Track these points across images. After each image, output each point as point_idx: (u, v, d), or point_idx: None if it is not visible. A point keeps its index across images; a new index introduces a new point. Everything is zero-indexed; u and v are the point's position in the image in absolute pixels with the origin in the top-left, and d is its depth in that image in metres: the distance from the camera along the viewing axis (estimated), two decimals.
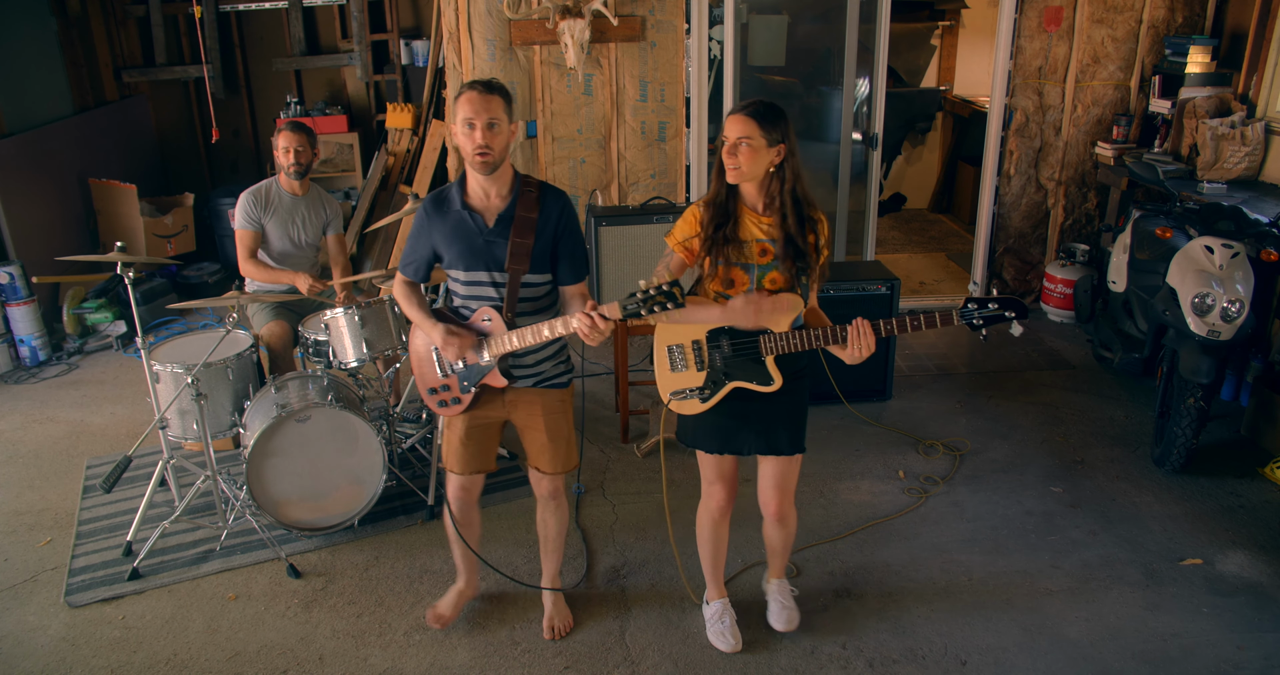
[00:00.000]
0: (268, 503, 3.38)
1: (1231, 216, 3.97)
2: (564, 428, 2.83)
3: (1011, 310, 2.47)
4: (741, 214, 2.59)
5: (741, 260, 2.58)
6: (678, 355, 2.70)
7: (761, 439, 2.72)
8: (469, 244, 2.61)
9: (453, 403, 2.76)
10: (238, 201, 4.03)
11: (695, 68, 5.30)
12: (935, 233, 7.43)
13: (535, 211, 2.60)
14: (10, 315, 5.12)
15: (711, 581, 3.04)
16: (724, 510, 2.87)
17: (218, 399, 3.54)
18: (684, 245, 2.62)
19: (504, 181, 2.62)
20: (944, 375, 4.92)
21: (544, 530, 3.03)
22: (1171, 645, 2.93)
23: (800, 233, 2.56)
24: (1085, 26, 5.23)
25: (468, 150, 2.52)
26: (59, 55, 6.07)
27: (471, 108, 2.50)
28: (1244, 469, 3.92)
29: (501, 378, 2.68)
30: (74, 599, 3.21)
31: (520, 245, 2.59)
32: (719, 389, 2.66)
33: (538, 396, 2.77)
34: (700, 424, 2.74)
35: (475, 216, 2.61)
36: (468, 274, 2.65)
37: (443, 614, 3.05)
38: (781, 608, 3.01)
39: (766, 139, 2.49)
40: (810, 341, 2.55)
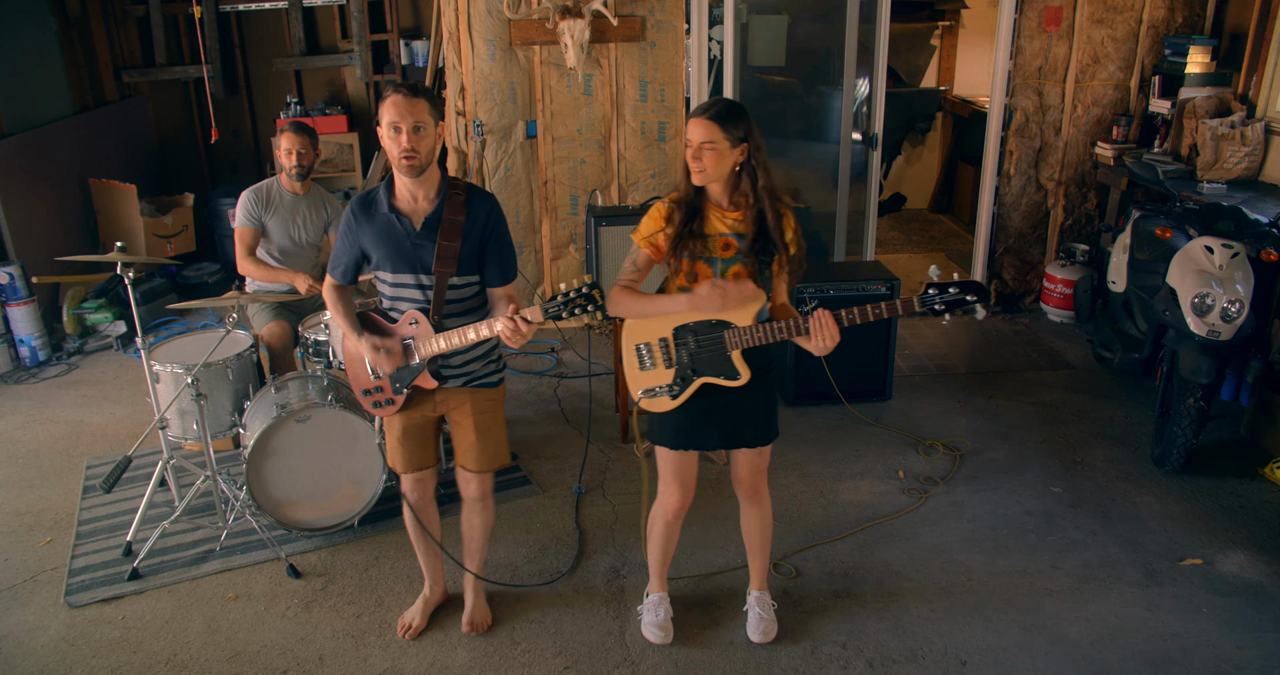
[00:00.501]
0: (268, 503, 3.38)
1: (1231, 216, 3.97)
2: (493, 426, 2.84)
3: (973, 294, 2.48)
4: (707, 210, 2.62)
5: (705, 254, 2.61)
6: (645, 353, 2.72)
7: (727, 434, 2.74)
8: (396, 247, 2.62)
9: (386, 404, 2.78)
10: (239, 199, 4.03)
11: (695, 68, 5.30)
12: (935, 233, 7.44)
13: (462, 214, 2.62)
14: (10, 315, 5.12)
15: (655, 575, 3.05)
16: (678, 513, 2.88)
17: (218, 399, 3.54)
18: (650, 241, 2.64)
19: (431, 184, 2.63)
20: (944, 375, 4.92)
21: (468, 532, 3.01)
22: (1171, 645, 2.93)
23: (777, 226, 2.60)
24: (1085, 26, 5.23)
25: (394, 154, 2.53)
26: (59, 55, 6.07)
27: (397, 111, 2.50)
28: (1244, 469, 3.92)
29: (431, 379, 2.70)
30: (74, 599, 3.21)
31: (447, 248, 2.60)
32: (688, 385, 2.67)
33: (468, 395, 2.79)
34: (666, 421, 2.75)
35: (402, 219, 2.62)
36: (395, 276, 2.66)
37: (410, 622, 3.04)
38: (760, 619, 3.00)
39: (729, 140, 2.52)
40: (775, 334, 2.57)
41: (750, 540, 3.01)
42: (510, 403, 4.69)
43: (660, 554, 2.99)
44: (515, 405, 4.66)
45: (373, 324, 2.73)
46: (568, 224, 5.46)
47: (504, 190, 5.33)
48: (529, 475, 3.98)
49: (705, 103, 2.57)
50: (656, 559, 3.01)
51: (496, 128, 5.22)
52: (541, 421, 4.48)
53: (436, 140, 2.57)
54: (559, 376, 4.97)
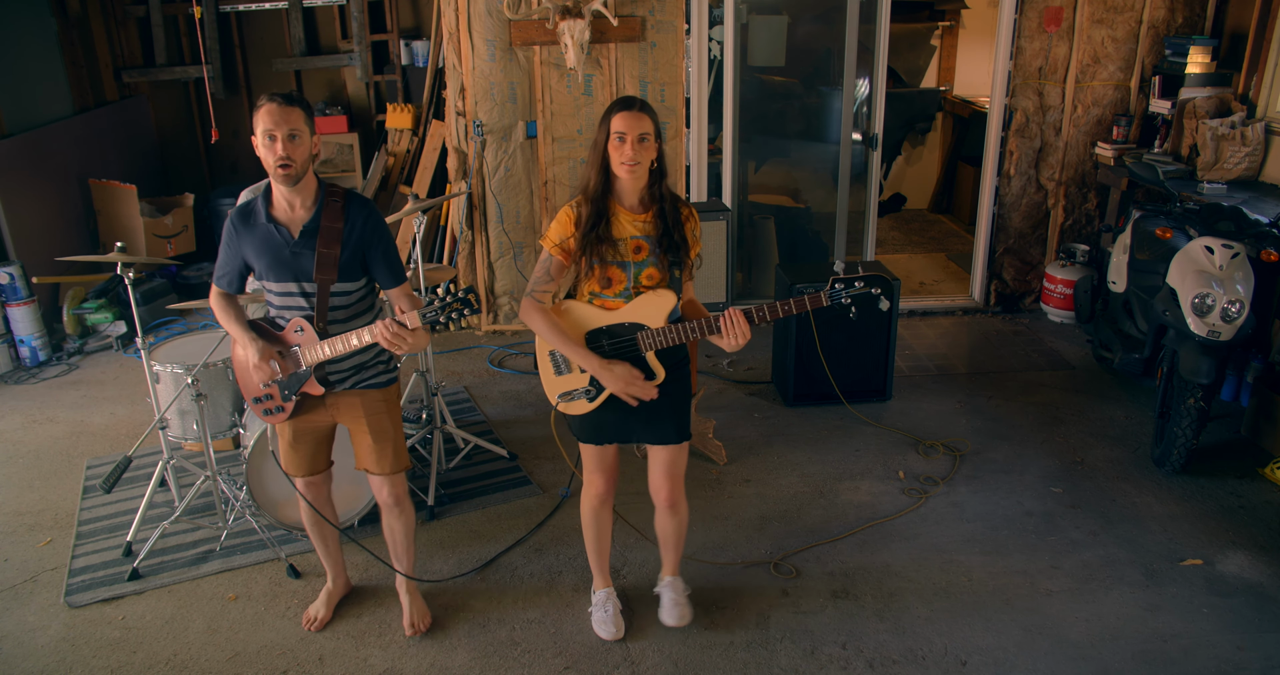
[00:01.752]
0: (268, 503, 3.38)
1: (1231, 217, 3.97)
2: (388, 427, 2.84)
3: (877, 287, 2.49)
4: (615, 212, 2.61)
5: (617, 258, 2.60)
6: (560, 358, 2.73)
7: (648, 429, 2.75)
8: (276, 256, 2.64)
9: (277, 411, 2.80)
10: (238, 198, 4.03)
11: (695, 68, 5.30)
12: (935, 233, 7.44)
13: (340, 221, 2.62)
14: (10, 315, 5.12)
15: (597, 570, 3.07)
16: (604, 499, 2.91)
17: (218, 399, 3.54)
18: (560, 247, 2.63)
19: (308, 192, 2.63)
20: (944, 375, 4.92)
21: (391, 537, 3.01)
22: (1171, 645, 2.93)
23: (678, 226, 2.62)
24: (1085, 27, 5.23)
25: (269, 162, 2.53)
26: (59, 55, 6.07)
27: (271, 119, 2.50)
28: (1244, 469, 3.92)
29: (318, 386, 2.72)
30: (74, 599, 3.21)
31: (326, 256, 2.61)
32: (603, 389, 2.67)
33: (358, 398, 2.80)
34: (586, 419, 2.76)
35: (280, 229, 2.63)
36: (278, 285, 2.68)
37: (315, 615, 3.07)
38: (674, 604, 3.01)
39: (656, 134, 2.54)
40: (687, 335, 2.58)
41: (665, 539, 3.01)
42: (510, 402, 4.69)
43: (596, 545, 3.01)
44: (515, 405, 4.67)
45: (263, 332, 2.76)
46: None
47: (504, 190, 5.33)
48: (529, 475, 3.98)
49: (621, 99, 2.57)
50: (593, 551, 3.03)
51: (496, 128, 5.22)
52: (542, 421, 4.48)
53: (311, 148, 2.58)
54: None
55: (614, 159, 2.55)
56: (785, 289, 4.38)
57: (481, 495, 3.83)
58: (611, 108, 2.56)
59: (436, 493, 3.74)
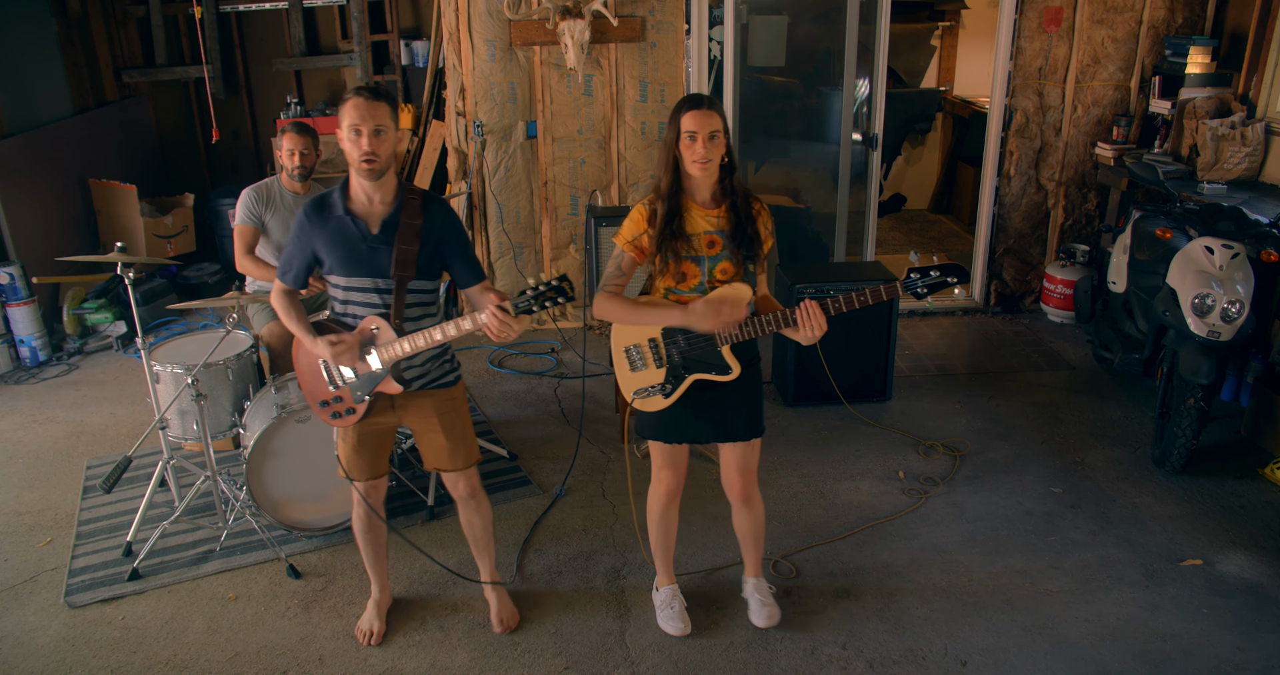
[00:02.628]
0: (267, 503, 3.38)
1: (1231, 217, 3.97)
2: (459, 424, 2.83)
3: (953, 276, 2.51)
4: (687, 208, 2.63)
5: (691, 253, 2.61)
6: (635, 355, 2.73)
7: (719, 427, 2.76)
8: (351, 250, 2.60)
9: (346, 413, 2.75)
10: (239, 197, 4.03)
11: (695, 68, 5.30)
12: (935, 233, 7.44)
13: (419, 218, 2.61)
14: (10, 315, 5.12)
15: (661, 568, 3.07)
16: (673, 495, 2.91)
17: (218, 399, 3.54)
18: (634, 244, 2.64)
19: (389, 188, 2.62)
20: (944, 375, 4.92)
21: (470, 531, 3.02)
22: (1171, 646, 2.93)
23: (750, 220, 2.63)
24: (1085, 27, 5.24)
25: (354, 156, 2.52)
26: (59, 55, 6.08)
27: (358, 114, 2.50)
28: (1244, 469, 3.92)
29: (396, 384, 2.68)
30: (74, 599, 3.21)
31: (406, 252, 2.59)
32: (680, 383, 2.68)
33: (428, 398, 2.77)
34: (657, 417, 2.76)
35: (358, 222, 2.61)
36: (350, 280, 2.64)
37: (369, 629, 3.02)
38: (761, 605, 3.02)
39: (725, 130, 2.55)
40: (763, 328, 2.59)
41: (744, 537, 3.02)
42: (510, 402, 4.69)
43: (662, 543, 3.00)
44: (515, 405, 4.67)
45: (329, 332, 2.70)
46: (568, 224, 5.46)
47: (504, 190, 5.33)
48: (529, 475, 3.98)
49: (690, 97, 2.58)
50: (659, 549, 3.02)
51: (496, 128, 5.22)
52: (541, 422, 4.48)
53: (398, 144, 2.57)
54: (559, 377, 4.97)
55: (685, 157, 2.56)
56: (785, 289, 4.38)
57: None
58: (680, 106, 2.57)
59: (436, 492, 3.74)
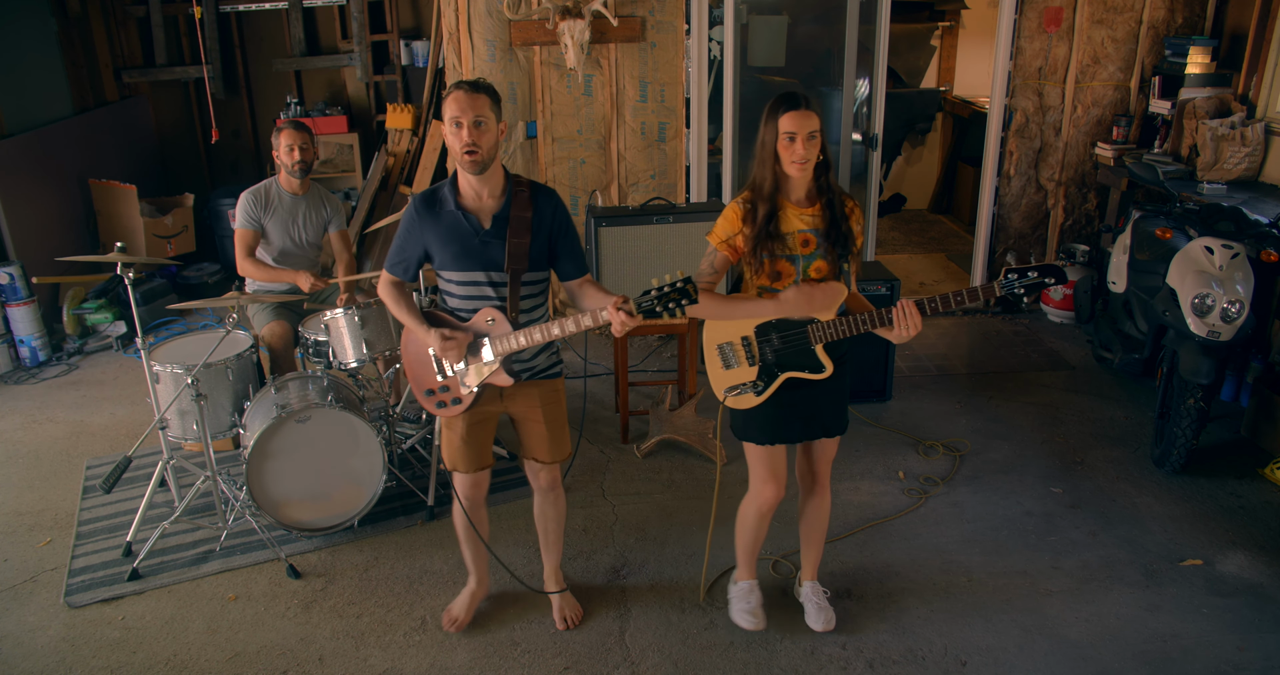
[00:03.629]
0: (267, 503, 3.38)
1: (1231, 217, 3.97)
2: (560, 416, 2.86)
3: (1051, 276, 2.49)
4: (782, 206, 2.62)
5: (786, 253, 2.61)
6: (729, 352, 2.74)
7: (810, 425, 2.78)
8: (464, 245, 2.62)
9: (453, 403, 2.76)
10: (238, 201, 4.03)
11: (695, 68, 5.30)
12: (935, 233, 7.44)
13: (529, 210, 2.62)
14: (10, 316, 5.12)
15: (743, 563, 3.07)
16: (772, 507, 2.90)
17: (218, 399, 3.54)
18: (728, 243, 2.65)
19: (496, 181, 2.63)
20: (944, 376, 4.92)
21: (543, 524, 3.04)
22: (1171, 646, 2.93)
23: (844, 218, 2.64)
24: (1085, 27, 5.24)
25: (456, 149, 2.54)
26: (59, 55, 6.08)
27: (459, 106, 2.51)
28: (1244, 469, 3.92)
29: (507, 377, 2.69)
30: (74, 599, 3.21)
31: (518, 245, 2.60)
32: (773, 381, 2.69)
33: (535, 388, 2.79)
34: (751, 417, 2.77)
35: (470, 217, 2.62)
36: (462, 275, 2.65)
37: (457, 616, 3.06)
38: (819, 609, 3.03)
39: (823, 130, 2.55)
40: (857, 327, 2.59)
41: (811, 531, 3.03)
42: None
43: (751, 544, 3.01)
44: None
45: (441, 323, 2.71)
46: None
47: None
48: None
49: (785, 96, 2.55)
50: (746, 549, 3.03)
51: None
52: None
53: (499, 136, 2.58)
54: None
55: (784, 158, 2.55)
56: None
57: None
58: (776, 107, 2.55)
59: (436, 493, 3.74)
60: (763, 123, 2.57)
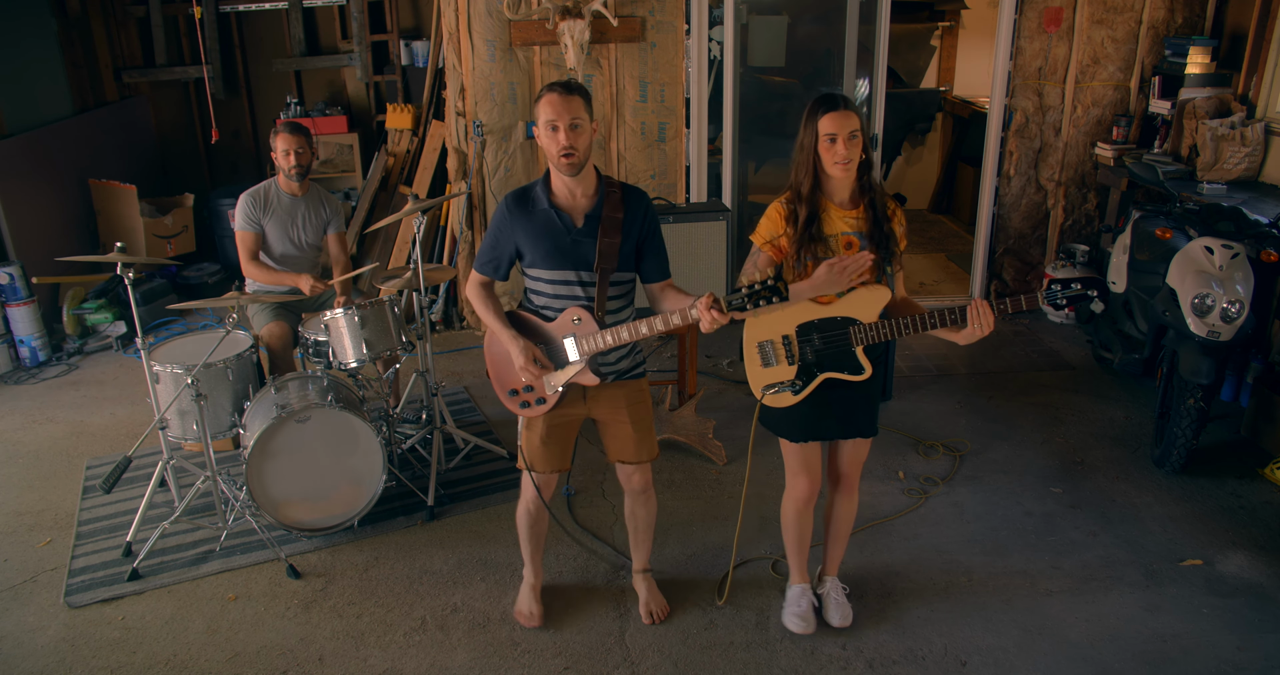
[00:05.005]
0: (267, 503, 3.38)
1: (1231, 217, 3.97)
2: (646, 417, 2.86)
3: (1093, 289, 2.50)
4: (825, 209, 2.62)
5: (829, 255, 2.61)
6: (769, 351, 2.73)
7: (843, 424, 2.79)
8: (556, 243, 2.63)
9: (537, 403, 2.77)
10: (237, 203, 4.02)
11: (695, 68, 5.30)
12: (935, 233, 7.44)
13: (620, 211, 2.63)
14: (10, 316, 5.12)
15: (795, 566, 3.07)
16: (809, 500, 2.92)
17: (217, 399, 3.54)
18: (773, 244, 2.64)
19: (589, 181, 2.64)
20: (944, 376, 4.92)
21: (633, 523, 3.06)
22: (1171, 646, 2.93)
23: (887, 219, 2.63)
24: (1085, 27, 5.24)
25: (553, 152, 2.55)
26: (59, 56, 6.07)
27: (554, 110, 2.52)
28: (1244, 469, 3.92)
29: (593, 376, 2.69)
30: (74, 599, 3.21)
31: (609, 245, 2.62)
32: (811, 380, 2.70)
33: (619, 389, 2.80)
34: (787, 415, 2.77)
35: (563, 216, 2.63)
36: (552, 273, 2.66)
37: (531, 611, 3.06)
38: (837, 605, 3.04)
39: (864, 130, 2.54)
40: (913, 327, 2.57)
41: (838, 529, 3.04)
42: None
43: (796, 543, 3.02)
44: None
45: (523, 324, 2.72)
46: None
47: (504, 190, 5.32)
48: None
49: (823, 98, 2.53)
50: (794, 549, 3.04)
51: (496, 128, 5.22)
52: None
53: (593, 136, 2.59)
54: None
55: (826, 160, 2.54)
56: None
57: (481, 495, 3.83)
58: (816, 108, 2.54)
59: (436, 493, 3.74)
60: (802, 126, 2.56)
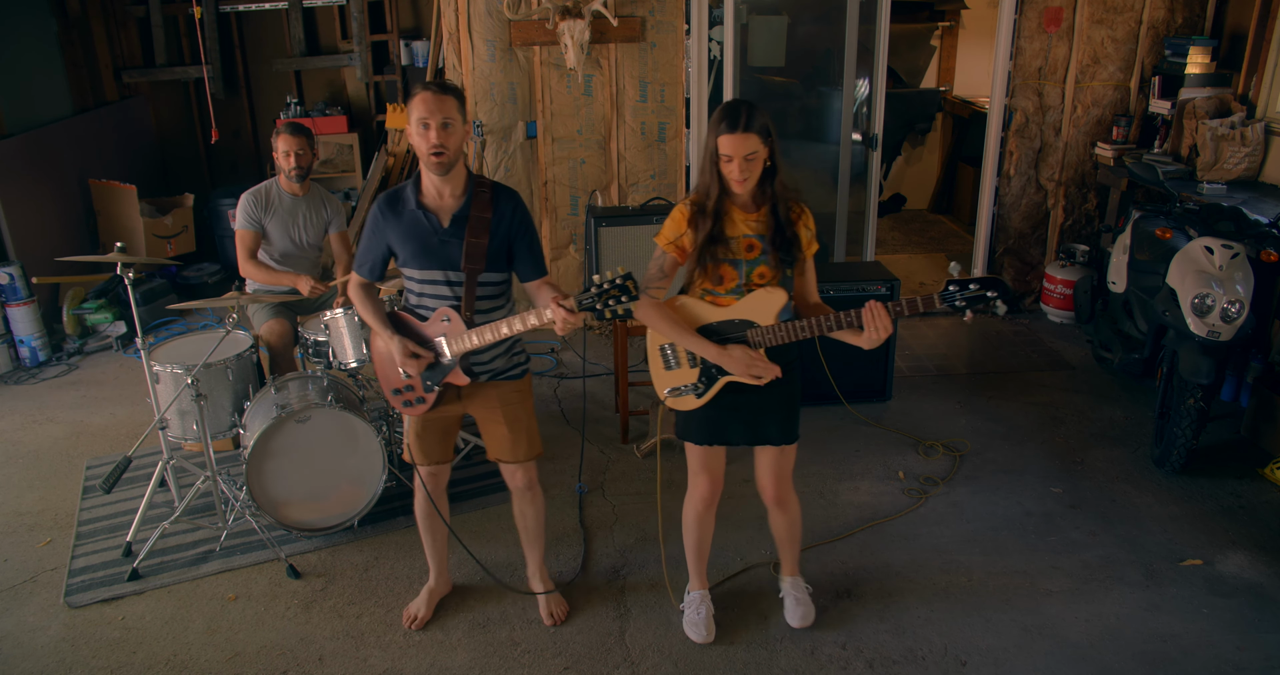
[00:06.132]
0: (267, 503, 3.38)
1: (1231, 217, 3.97)
2: (523, 417, 2.87)
3: (993, 290, 2.48)
4: (727, 211, 2.62)
5: (729, 257, 2.61)
6: (670, 354, 2.74)
7: (751, 430, 2.76)
8: (423, 243, 2.64)
9: (417, 402, 2.80)
10: (238, 202, 4.03)
11: (695, 68, 5.30)
12: (935, 233, 7.44)
13: (489, 211, 2.64)
14: (10, 316, 5.12)
15: (693, 572, 3.06)
16: (709, 502, 2.90)
17: (217, 399, 3.54)
18: (675, 244, 2.64)
19: (458, 181, 2.65)
20: (944, 376, 4.92)
21: (522, 522, 3.06)
22: (1171, 646, 2.93)
23: (789, 223, 2.62)
24: (1085, 27, 5.24)
25: (423, 150, 2.55)
26: (59, 55, 6.08)
27: (426, 108, 2.52)
28: (1244, 470, 3.92)
29: (464, 376, 2.72)
30: (74, 599, 3.21)
31: (475, 245, 2.63)
32: (712, 384, 2.69)
33: (494, 389, 2.82)
34: (692, 417, 2.77)
35: (430, 216, 2.64)
36: (422, 273, 2.68)
37: (416, 613, 3.07)
38: (796, 603, 3.03)
39: (764, 145, 2.53)
40: (811, 330, 2.57)
41: (780, 538, 3.03)
42: None
43: (696, 548, 3.00)
44: None
45: (402, 323, 2.74)
46: (567, 224, 5.46)
47: None
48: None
49: (729, 112, 2.51)
50: (693, 554, 3.02)
51: (496, 128, 5.22)
52: (541, 422, 4.45)
53: (464, 137, 2.60)
54: (559, 377, 4.97)
55: (724, 173, 2.54)
56: None
57: (481, 495, 3.83)
58: (717, 122, 2.51)
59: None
60: (708, 130, 2.55)
